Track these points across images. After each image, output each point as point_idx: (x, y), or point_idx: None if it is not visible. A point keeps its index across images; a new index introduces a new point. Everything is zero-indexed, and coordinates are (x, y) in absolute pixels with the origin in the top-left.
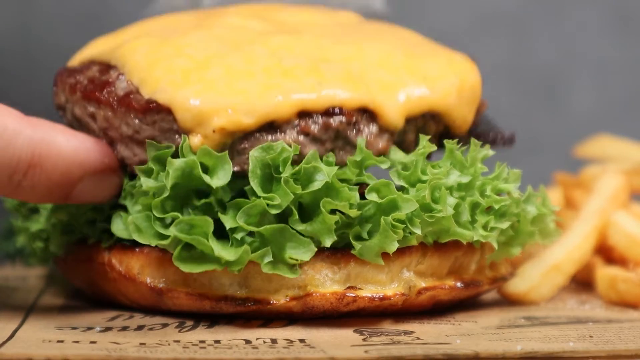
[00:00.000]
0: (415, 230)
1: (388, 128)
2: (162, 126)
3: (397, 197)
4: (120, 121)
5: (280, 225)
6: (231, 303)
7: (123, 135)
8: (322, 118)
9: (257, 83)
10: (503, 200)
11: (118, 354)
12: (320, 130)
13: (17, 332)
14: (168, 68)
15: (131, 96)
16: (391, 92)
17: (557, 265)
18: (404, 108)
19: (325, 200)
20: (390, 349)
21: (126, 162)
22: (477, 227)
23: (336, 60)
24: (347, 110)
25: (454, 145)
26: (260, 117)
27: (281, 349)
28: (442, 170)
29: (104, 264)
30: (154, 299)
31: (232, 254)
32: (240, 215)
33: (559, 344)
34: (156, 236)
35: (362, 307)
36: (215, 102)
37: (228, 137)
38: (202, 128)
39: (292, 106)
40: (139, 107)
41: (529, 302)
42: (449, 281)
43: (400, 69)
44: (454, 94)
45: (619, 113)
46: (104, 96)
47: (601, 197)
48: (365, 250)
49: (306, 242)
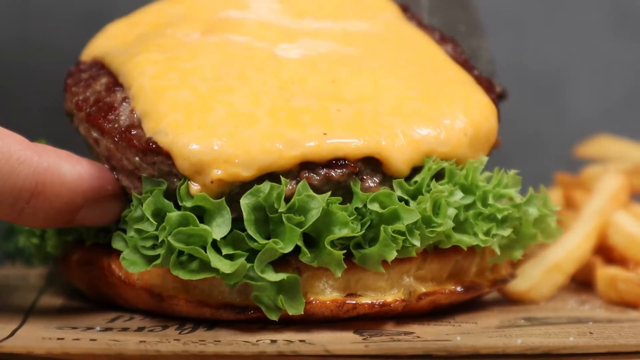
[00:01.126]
0: (414, 242)
1: (392, 176)
2: (162, 169)
3: (399, 207)
4: (122, 155)
5: (294, 276)
6: (231, 311)
7: (124, 168)
8: (324, 170)
9: (260, 132)
10: (506, 209)
11: (118, 348)
12: (321, 182)
13: (17, 332)
14: (172, 103)
15: (133, 131)
16: (400, 142)
17: (557, 264)
18: (412, 159)
19: (328, 237)
20: (390, 344)
21: (127, 191)
22: (478, 233)
23: (349, 100)
24: (350, 162)
25: (453, 167)
26: (260, 169)
27: (281, 345)
28: (446, 187)
29: (104, 268)
30: (154, 305)
31: (228, 267)
32: (257, 264)
33: (559, 339)
34: (148, 261)
35: (362, 313)
36: (215, 153)
37: (226, 187)
38: (200, 177)
39: (294, 158)
40: (140, 146)
41: (529, 301)
42: (449, 285)
43: (414, 116)
44: (466, 145)
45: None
46: (107, 126)
47: (601, 197)
48: (365, 259)
49: (300, 302)
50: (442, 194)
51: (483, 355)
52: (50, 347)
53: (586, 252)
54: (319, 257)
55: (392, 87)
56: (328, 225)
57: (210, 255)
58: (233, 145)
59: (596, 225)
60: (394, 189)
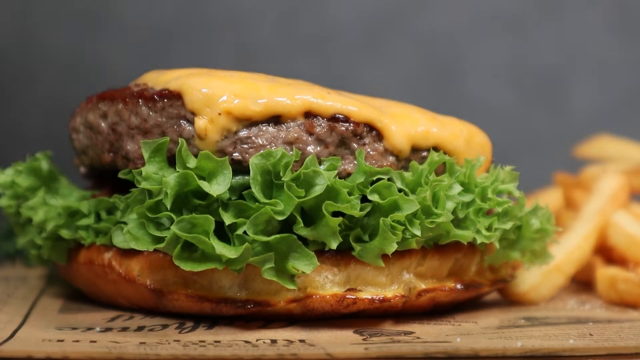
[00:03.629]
0: (415, 232)
1: (393, 151)
2: (170, 112)
3: (399, 198)
4: (130, 112)
5: (287, 235)
6: (231, 305)
7: (130, 127)
8: (327, 121)
9: (268, 83)
10: (506, 202)
11: (118, 351)
12: (325, 133)
13: (17, 333)
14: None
15: (145, 90)
16: (400, 119)
17: (557, 265)
18: (410, 135)
19: (328, 203)
20: (390, 346)
21: (130, 156)
22: (481, 229)
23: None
24: (353, 120)
25: (453, 160)
26: (267, 106)
27: (281, 347)
28: (445, 177)
29: (104, 265)
30: (154, 301)
31: (233, 252)
32: (249, 226)
33: (559, 341)
34: (153, 241)
35: (362, 309)
36: (225, 87)
37: (233, 123)
38: (209, 110)
39: (300, 105)
40: (150, 95)
41: (529, 302)
42: (449, 283)
43: (415, 111)
44: (463, 139)
45: (619, 113)
46: (119, 93)
47: (601, 197)
48: (365, 252)
49: (310, 255)
50: (442, 183)
51: (483, 357)
52: (50, 351)
53: (586, 252)
54: (316, 228)
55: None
56: (329, 200)
57: (213, 243)
58: (242, 84)
59: (596, 226)
60: (394, 181)
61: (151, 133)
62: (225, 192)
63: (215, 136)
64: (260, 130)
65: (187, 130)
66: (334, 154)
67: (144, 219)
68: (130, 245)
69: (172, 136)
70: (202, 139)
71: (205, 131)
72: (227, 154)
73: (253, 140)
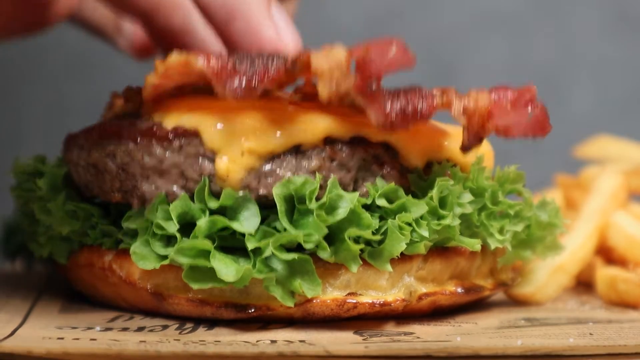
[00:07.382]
0: (422, 233)
1: (408, 167)
2: (188, 151)
3: (407, 200)
4: (143, 152)
5: (306, 257)
6: (232, 309)
7: (144, 167)
8: (347, 145)
9: (284, 114)
10: (517, 204)
11: (118, 348)
12: (346, 157)
13: (17, 331)
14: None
15: (154, 128)
16: (414, 136)
17: (562, 265)
18: (425, 151)
19: (351, 230)
20: (390, 345)
21: (147, 197)
22: (494, 232)
23: None
24: (371, 142)
25: (457, 169)
26: (288, 139)
27: (281, 345)
28: (456, 186)
29: (105, 268)
30: (155, 304)
31: (232, 276)
32: (274, 243)
33: (559, 340)
34: (158, 258)
35: (362, 313)
36: (243, 123)
37: (256, 160)
38: (230, 149)
39: (320, 131)
40: (164, 135)
41: (535, 303)
42: (450, 287)
43: (427, 124)
44: None
45: (619, 113)
46: (125, 131)
47: (601, 196)
48: (374, 254)
49: (317, 282)
50: (451, 187)
51: (483, 356)
52: (50, 347)
53: (589, 251)
54: (337, 252)
55: None
56: (351, 224)
57: (214, 265)
58: (259, 120)
59: (597, 225)
60: (410, 185)
61: (169, 173)
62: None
63: (238, 175)
64: (282, 162)
65: (208, 169)
66: (355, 178)
67: (149, 237)
68: (139, 265)
69: (191, 175)
70: (223, 180)
71: (227, 172)
72: (252, 190)
73: (277, 174)
